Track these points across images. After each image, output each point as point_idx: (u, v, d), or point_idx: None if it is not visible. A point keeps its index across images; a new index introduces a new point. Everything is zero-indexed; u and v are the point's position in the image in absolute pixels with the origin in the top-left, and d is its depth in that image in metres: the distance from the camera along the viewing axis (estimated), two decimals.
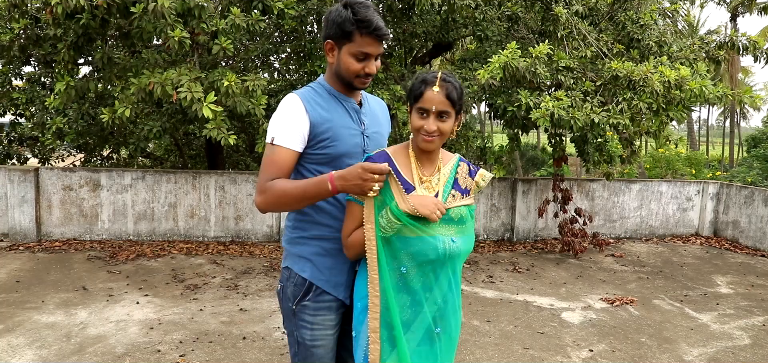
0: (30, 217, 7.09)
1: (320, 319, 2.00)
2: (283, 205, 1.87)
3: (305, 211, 2.00)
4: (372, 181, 1.73)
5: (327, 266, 1.98)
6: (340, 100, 2.00)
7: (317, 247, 1.99)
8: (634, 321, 5.00)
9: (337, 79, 1.98)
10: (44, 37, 5.69)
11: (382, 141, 2.13)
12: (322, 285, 1.99)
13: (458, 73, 7.49)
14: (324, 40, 1.96)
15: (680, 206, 8.80)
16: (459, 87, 1.87)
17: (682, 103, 6.25)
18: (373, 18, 1.86)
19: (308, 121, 1.90)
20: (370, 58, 1.92)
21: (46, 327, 4.40)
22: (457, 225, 1.89)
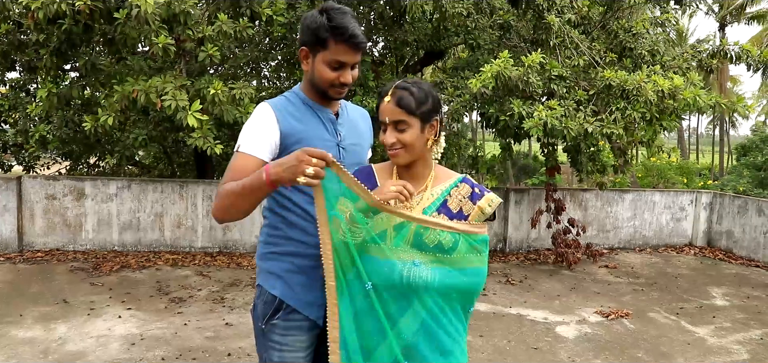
0: (11, 226, 6.91)
1: (290, 340, 1.86)
2: (229, 205, 1.71)
3: (276, 226, 1.88)
4: (307, 165, 1.54)
5: (299, 283, 1.85)
6: (315, 110, 1.89)
7: (289, 263, 1.87)
8: (630, 335, 4.91)
9: (312, 88, 1.87)
10: (27, 43, 5.55)
11: (361, 153, 2.01)
12: (293, 303, 1.86)
13: (450, 82, 7.40)
14: (299, 47, 1.86)
15: (673, 216, 8.75)
16: (418, 92, 1.72)
17: (675, 112, 6.19)
18: (349, 25, 1.74)
19: (278, 130, 1.79)
20: (345, 67, 1.80)
21: (23, 342, 4.24)
22: (434, 252, 1.68)
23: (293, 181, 1.57)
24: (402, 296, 1.68)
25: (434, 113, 1.74)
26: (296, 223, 1.84)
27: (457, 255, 1.70)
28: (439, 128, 1.77)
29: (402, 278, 1.66)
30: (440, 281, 1.68)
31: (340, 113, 1.96)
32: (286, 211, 1.85)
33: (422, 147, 1.75)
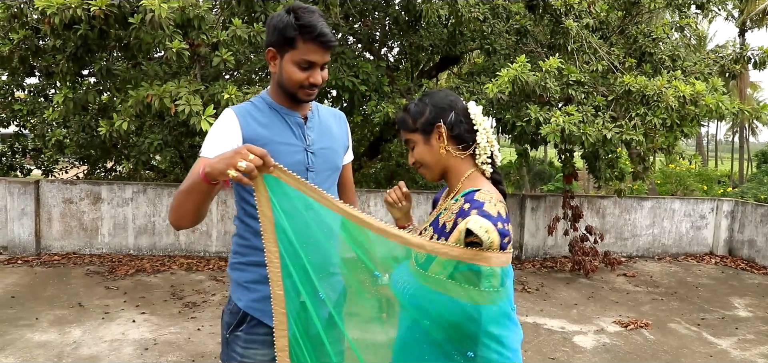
0: (29, 230, 6.97)
1: (251, 353, 1.81)
2: (176, 206, 1.65)
3: (244, 235, 1.82)
4: (241, 159, 1.46)
5: (265, 296, 1.74)
6: (282, 114, 1.82)
7: (255, 273, 1.80)
8: (650, 346, 4.79)
9: (280, 90, 1.80)
10: (44, 49, 5.59)
11: (333, 157, 1.93)
12: (258, 315, 1.80)
13: (465, 87, 7.33)
14: (265, 48, 1.79)
15: (694, 224, 8.57)
16: (415, 107, 1.68)
17: (696, 118, 6.06)
18: (317, 23, 1.69)
19: (241, 136, 1.73)
20: (315, 67, 1.74)
21: (38, 346, 4.25)
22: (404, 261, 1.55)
23: (223, 174, 1.48)
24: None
25: (436, 120, 1.64)
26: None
27: (432, 274, 1.50)
28: (447, 133, 1.63)
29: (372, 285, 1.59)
30: (411, 297, 1.53)
31: (309, 116, 1.89)
32: (253, 220, 1.77)
33: (437, 158, 1.65)
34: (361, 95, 6.90)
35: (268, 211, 1.59)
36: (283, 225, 1.60)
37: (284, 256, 1.62)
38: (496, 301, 1.48)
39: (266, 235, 1.61)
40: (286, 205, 1.60)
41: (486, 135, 1.65)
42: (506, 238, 1.46)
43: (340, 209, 1.60)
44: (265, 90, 1.86)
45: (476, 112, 1.66)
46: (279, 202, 1.59)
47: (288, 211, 1.60)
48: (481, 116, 1.66)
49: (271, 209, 1.59)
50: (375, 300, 1.72)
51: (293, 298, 1.66)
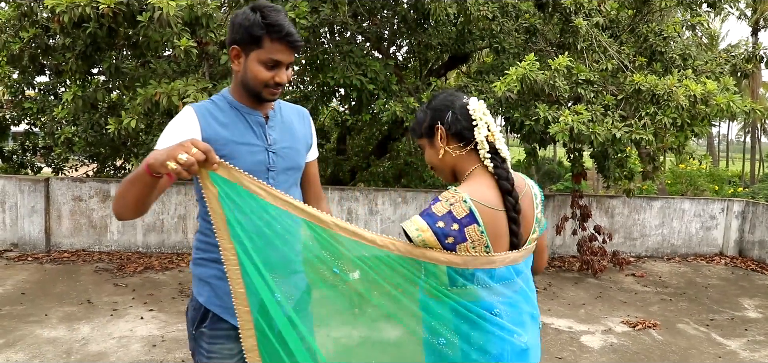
0: (39, 227, 7.02)
1: (217, 348, 1.82)
2: (121, 196, 1.62)
3: (205, 232, 1.82)
4: (183, 152, 1.46)
5: (226, 292, 1.74)
6: (243, 113, 1.81)
7: (216, 269, 1.79)
8: (658, 347, 4.75)
9: (243, 89, 1.78)
10: (54, 47, 5.64)
11: (296, 156, 1.92)
12: (220, 311, 1.81)
13: (474, 86, 7.31)
14: (229, 46, 1.77)
15: (703, 224, 8.50)
16: (419, 115, 1.73)
17: (707, 118, 6.00)
18: (284, 23, 1.69)
19: (200, 136, 1.72)
20: (280, 67, 1.74)
21: (47, 342, 4.28)
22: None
23: (164, 166, 1.46)
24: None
25: (434, 122, 1.67)
26: None
27: (375, 269, 1.56)
28: (445, 133, 1.66)
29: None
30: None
31: (271, 115, 1.88)
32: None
33: (442, 159, 1.68)
34: (369, 94, 6.89)
35: (219, 208, 1.59)
36: (235, 222, 1.59)
37: (240, 253, 1.62)
38: (454, 299, 1.53)
39: (219, 233, 1.61)
40: (236, 202, 1.59)
41: (485, 129, 1.63)
42: (448, 239, 1.50)
43: (296, 208, 1.59)
44: (226, 88, 1.85)
45: (475, 107, 1.65)
46: (229, 200, 1.58)
47: (239, 209, 1.60)
48: (482, 111, 1.65)
49: (221, 206, 1.59)
50: (344, 297, 1.72)
51: (255, 295, 1.66)
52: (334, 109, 10.33)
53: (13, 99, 7.93)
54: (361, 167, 9.74)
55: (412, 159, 10.10)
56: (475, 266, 1.54)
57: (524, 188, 1.70)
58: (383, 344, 1.74)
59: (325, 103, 9.03)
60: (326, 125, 10.39)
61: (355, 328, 1.75)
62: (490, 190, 1.60)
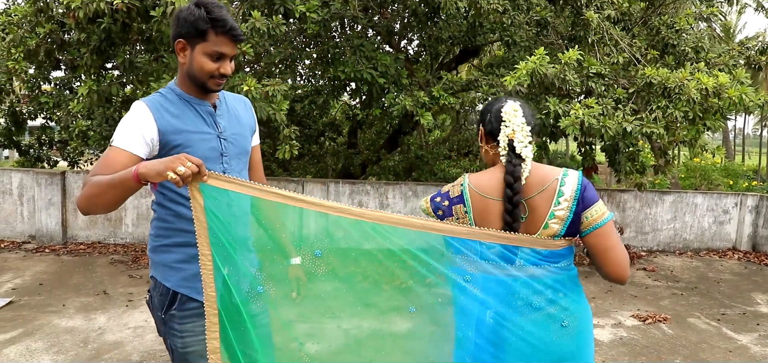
0: (56, 219, 7.15)
1: (189, 327, 1.92)
2: (94, 196, 1.70)
3: (166, 219, 1.91)
4: (180, 164, 1.58)
5: (193, 273, 1.87)
6: (193, 104, 1.91)
7: (182, 253, 1.90)
8: (668, 340, 4.75)
9: (190, 80, 1.89)
10: (69, 42, 5.72)
11: (244, 142, 2.04)
12: (188, 293, 1.91)
13: (485, 80, 7.31)
14: (174, 40, 1.86)
15: (716, 219, 8.44)
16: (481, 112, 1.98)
17: (719, 111, 5.96)
18: (228, 18, 1.81)
19: (156, 128, 1.82)
20: (225, 59, 1.85)
21: (65, 331, 4.38)
22: None
23: (161, 176, 1.58)
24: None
25: (479, 124, 1.94)
26: (186, 215, 1.85)
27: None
28: (484, 133, 1.91)
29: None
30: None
31: (218, 104, 1.97)
32: (176, 205, 1.88)
33: (484, 155, 1.95)
34: (380, 88, 6.92)
35: (203, 218, 1.71)
36: (216, 231, 1.72)
37: (216, 258, 1.75)
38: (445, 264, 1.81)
39: (200, 240, 1.72)
40: (221, 210, 1.73)
41: (508, 129, 1.81)
42: (439, 211, 1.86)
43: (294, 200, 1.73)
44: (173, 81, 1.94)
45: (507, 110, 1.84)
46: (213, 209, 1.71)
47: (222, 217, 1.73)
48: (511, 113, 1.82)
49: (205, 216, 1.70)
50: (287, 282, 1.93)
51: (225, 299, 1.78)
52: (345, 103, 10.38)
53: (30, 94, 8.05)
54: (371, 161, 9.77)
55: (423, 153, 10.11)
56: (460, 235, 1.77)
57: (548, 183, 1.79)
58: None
59: (336, 97, 9.08)
60: (337, 119, 10.43)
61: (294, 312, 1.98)
62: (494, 181, 1.80)
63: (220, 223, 1.74)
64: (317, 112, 9.44)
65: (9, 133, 8.53)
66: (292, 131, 5.76)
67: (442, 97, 6.77)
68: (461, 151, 10.80)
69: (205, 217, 1.71)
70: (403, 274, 1.79)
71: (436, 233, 1.77)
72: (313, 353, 1.91)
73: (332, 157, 10.07)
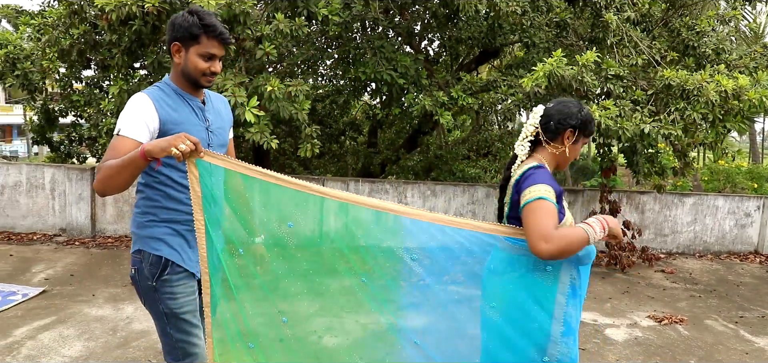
0: (86, 213, 7.41)
1: (181, 288, 2.18)
2: (109, 178, 1.95)
3: (154, 198, 2.16)
4: (181, 142, 1.86)
5: (179, 245, 2.17)
6: (186, 98, 2.19)
7: (168, 228, 2.16)
8: (684, 341, 4.78)
9: (184, 78, 2.16)
10: (101, 43, 5.95)
11: (224, 134, 2.34)
12: (177, 260, 2.17)
13: (504, 81, 7.37)
14: (170, 43, 2.12)
15: (738, 222, 8.37)
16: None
17: (741, 113, 5.94)
18: (218, 24, 2.11)
19: (157, 118, 2.08)
20: (214, 59, 2.14)
21: (95, 320, 4.58)
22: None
23: (165, 152, 1.86)
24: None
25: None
26: (174, 196, 2.15)
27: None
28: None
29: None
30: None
31: (205, 101, 2.24)
32: (164, 187, 2.14)
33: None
34: (399, 88, 7.03)
35: (198, 188, 1.99)
36: (208, 200, 2.03)
37: (207, 223, 2.05)
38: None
39: (195, 208, 2.02)
40: (214, 182, 2.04)
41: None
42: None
43: (275, 178, 2.01)
44: (167, 76, 2.20)
45: (532, 113, 2.26)
46: (207, 181, 2.01)
47: (213, 190, 2.04)
48: (531, 117, 2.25)
49: (200, 187, 1.99)
50: (251, 257, 2.26)
51: (213, 259, 2.07)
52: (365, 103, 10.51)
53: (62, 92, 8.33)
54: (391, 160, 9.89)
55: (442, 153, 10.19)
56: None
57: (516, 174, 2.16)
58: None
59: (357, 98, 9.22)
60: (358, 119, 10.57)
61: (260, 286, 2.29)
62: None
63: (211, 194, 2.03)
64: (338, 111, 9.59)
65: (42, 129, 8.82)
66: (313, 130, 5.91)
67: (461, 98, 6.86)
68: (480, 151, 10.86)
69: (200, 187, 1.99)
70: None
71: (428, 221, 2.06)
72: (286, 309, 2.28)
73: (352, 156, 10.22)
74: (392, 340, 2.28)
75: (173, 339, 2.21)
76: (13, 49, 6.22)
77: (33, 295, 5.04)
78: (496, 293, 2.12)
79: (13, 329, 4.28)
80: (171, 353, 2.24)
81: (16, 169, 7.58)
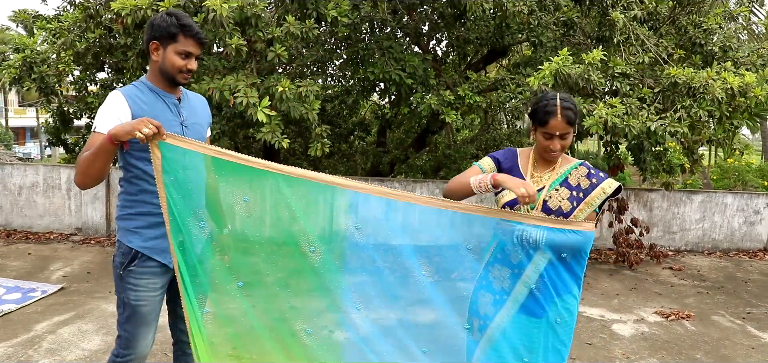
0: (101, 213, 7.57)
1: (144, 282, 2.31)
2: (85, 169, 2.12)
3: (131, 192, 2.29)
4: (145, 126, 1.99)
5: (151, 236, 2.29)
6: (161, 95, 2.31)
7: (143, 220, 2.29)
8: (690, 336, 4.83)
9: (161, 75, 2.29)
10: (116, 46, 6.08)
11: (201, 131, 2.45)
12: (148, 252, 2.29)
13: (512, 79, 7.44)
14: (148, 43, 2.24)
15: (747, 219, 8.38)
16: (575, 108, 2.24)
17: (748, 111, 5.97)
18: (194, 24, 2.26)
19: (130, 113, 2.20)
20: (191, 57, 2.27)
21: (112, 315, 4.70)
22: None
23: (130, 135, 2.01)
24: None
25: (577, 119, 2.31)
26: (148, 189, 2.27)
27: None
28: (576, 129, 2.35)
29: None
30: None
31: (181, 98, 2.39)
32: (140, 181, 2.27)
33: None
34: (408, 88, 7.12)
35: (160, 167, 2.14)
36: (169, 179, 2.17)
37: (169, 200, 2.19)
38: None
39: (158, 184, 2.17)
40: (177, 165, 2.17)
41: None
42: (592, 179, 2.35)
43: (238, 158, 2.18)
44: (144, 76, 2.33)
45: None
46: (171, 163, 2.15)
47: (179, 171, 2.18)
48: None
49: (161, 167, 2.13)
50: (217, 245, 2.41)
51: (175, 234, 2.23)
52: (374, 103, 10.60)
53: (77, 94, 8.49)
54: (400, 160, 9.97)
55: (451, 152, 10.26)
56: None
57: None
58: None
59: (366, 97, 9.32)
60: (367, 118, 10.66)
61: (225, 272, 2.46)
62: None
63: (175, 176, 2.17)
64: (347, 111, 9.69)
65: (57, 131, 8.99)
66: (323, 130, 6.01)
67: (468, 97, 6.93)
68: (489, 150, 10.90)
69: (162, 167, 2.13)
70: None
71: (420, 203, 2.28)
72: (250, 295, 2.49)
73: (361, 155, 10.31)
74: (334, 318, 2.52)
75: (122, 327, 2.36)
76: (30, 54, 6.37)
77: (52, 292, 5.18)
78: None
79: (34, 324, 4.42)
80: (117, 339, 2.40)
81: (33, 170, 7.76)
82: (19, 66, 6.35)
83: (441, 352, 2.38)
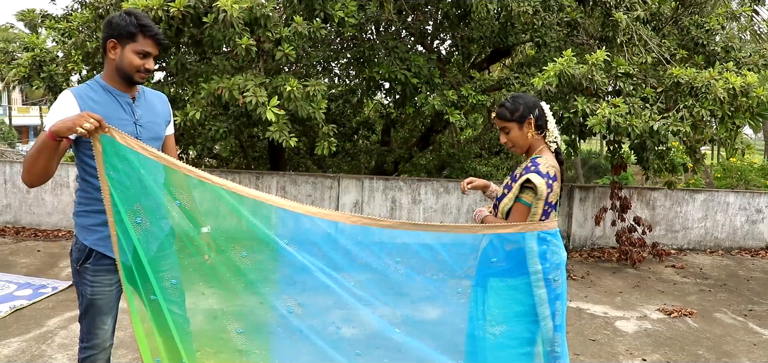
0: None
1: (99, 279, 2.36)
2: (30, 167, 2.14)
3: (87, 190, 2.32)
4: (85, 121, 2.01)
5: (106, 234, 2.30)
6: (114, 94, 2.32)
7: (97, 218, 2.32)
8: (692, 333, 4.90)
9: (117, 74, 2.30)
10: None
11: (157, 128, 2.47)
12: (102, 249, 2.33)
13: (516, 79, 7.49)
14: (105, 41, 2.25)
15: (749, 218, 8.43)
16: (510, 104, 2.48)
17: (750, 110, 6.02)
18: (153, 25, 2.29)
19: (78, 112, 2.20)
20: (149, 57, 2.29)
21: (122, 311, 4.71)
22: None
23: (71, 131, 2.02)
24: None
25: (528, 114, 2.46)
26: (100, 187, 2.25)
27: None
28: (533, 121, 2.47)
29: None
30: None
31: (137, 97, 2.40)
32: (93, 178, 2.28)
33: (526, 140, 2.49)
34: (412, 87, 7.18)
35: (101, 161, 2.16)
36: (111, 172, 2.19)
37: (113, 195, 2.22)
38: None
39: (101, 177, 2.19)
40: (117, 159, 2.18)
41: (553, 125, 2.54)
42: (549, 188, 2.41)
43: (169, 162, 2.23)
44: (99, 75, 2.35)
45: (547, 109, 2.55)
46: (111, 156, 2.17)
47: (118, 164, 2.19)
48: (550, 113, 2.55)
49: (102, 160, 2.16)
50: (199, 243, 2.50)
51: (123, 230, 2.25)
52: (378, 103, 10.67)
53: None
54: (404, 159, 10.04)
55: (455, 151, 10.33)
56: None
57: None
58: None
59: (371, 97, 9.38)
60: (371, 118, 10.73)
61: (203, 270, 2.61)
62: (555, 164, 2.48)
63: (115, 170, 2.18)
64: (351, 110, 9.76)
65: None
66: (330, 129, 6.08)
67: (471, 96, 7.00)
68: (492, 149, 10.98)
69: (103, 161, 2.16)
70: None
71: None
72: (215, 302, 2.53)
73: (366, 154, 10.38)
74: (267, 309, 2.78)
75: (81, 317, 2.44)
76: (39, 52, 6.44)
77: (62, 289, 5.26)
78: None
79: (46, 320, 4.50)
80: (80, 333, 2.47)
81: None
82: (28, 65, 6.42)
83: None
